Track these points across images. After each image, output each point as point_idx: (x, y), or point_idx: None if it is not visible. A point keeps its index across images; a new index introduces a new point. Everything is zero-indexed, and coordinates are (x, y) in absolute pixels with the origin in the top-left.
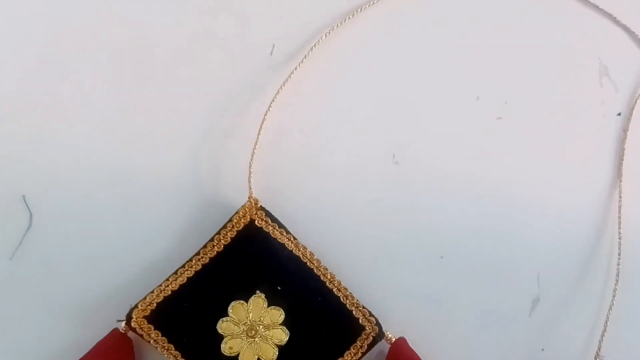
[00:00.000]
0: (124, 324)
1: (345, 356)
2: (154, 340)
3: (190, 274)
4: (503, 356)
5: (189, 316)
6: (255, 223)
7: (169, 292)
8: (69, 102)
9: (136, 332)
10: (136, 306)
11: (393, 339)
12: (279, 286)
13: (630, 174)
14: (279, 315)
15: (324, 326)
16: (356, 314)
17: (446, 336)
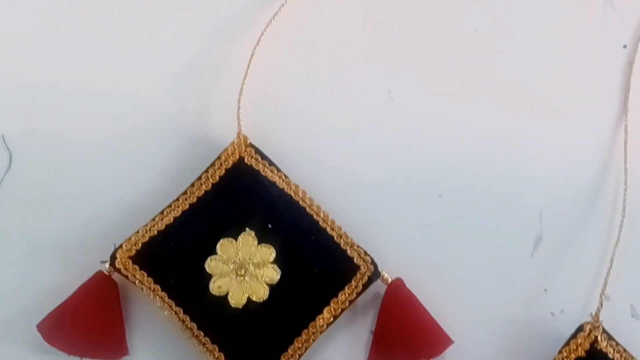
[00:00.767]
0: (108, 265)
1: (340, 296)
2: (140, 282)
3: (177, 213)
4: (504, 298)
5: (175, 256)
6: (245, 161)
7: (154, 232)
8: (49, 38)
9: (121, 273)
10: (121, 246)
11: (389, 279)
12: (270, 224)
13: (636, 108)
14: (269, 254)
15: (317, 265)
16: (350, 253)
17: (445, 277)
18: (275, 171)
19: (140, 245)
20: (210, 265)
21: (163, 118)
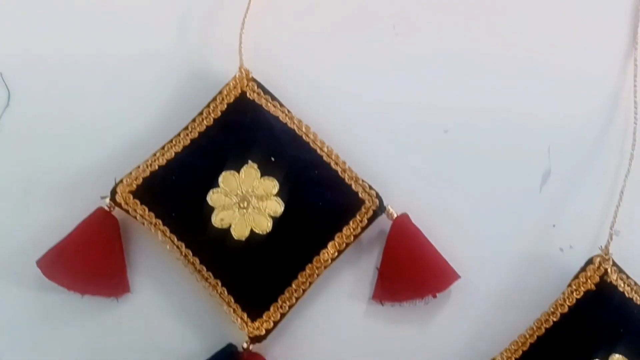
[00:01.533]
0: (108, 200)
1: (345, 231)
2: (141, 216)
3: (179, 148)
4: (512, 234)
5: (177, 190)
6: (247, 95)
7: (156, 167)
8: None
9: (121, 208)
10: (121, 181)
11: (395, 214)
12: (273, 157)
13: None
14: (272, 186)
15: (321, 199)
16: (355, 188)
17: (451, 213)
18: (278, 106)
19: (141, 180)
20: (213, 198)
21: (165, 53)
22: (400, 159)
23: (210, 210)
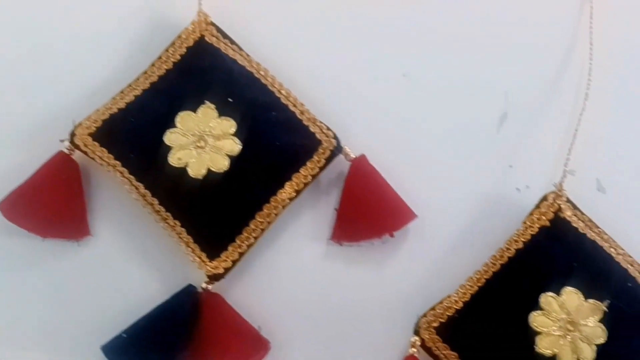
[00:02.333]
0: (67, 142)
1: (302, 171)
2: (99, 158)
3: (138, 92)
4: (469, 174)
5: (135, 132)
6: (206, 39)
7: (115, 110)
8: None
9: (80, 150)
10: (80, 124)
11: (353, 156)
12: (231, 98)
13: None
14: (229, 126)
15: (278, 139)
16: (313, 129)
17: (409, 155)
18: (237, 49)
19: (100, 122)
20: (170, 137)
21: None
22: (359, 102)
23: (168, 150)
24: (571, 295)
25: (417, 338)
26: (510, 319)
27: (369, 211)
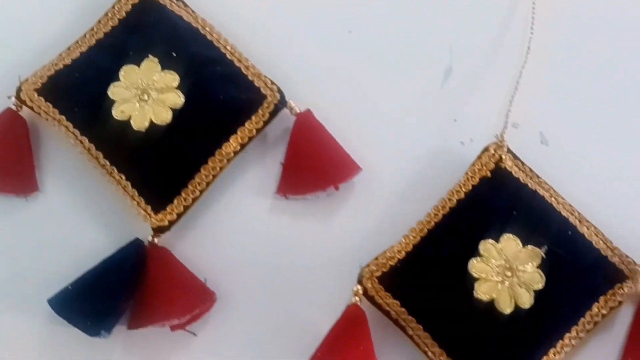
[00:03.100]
0: (14, 98)
1: (247, 125)
2: (45, 112)
3: (84, 49)
4: (414, 129)
5: (80, 86)
6: None
7: (60, 66)
8: None
9: (27, 106)
10: (26, 80)
11: (298, 110)
12: (175, 52)
13: None
14: (173, 79)
15: (223, 93)
16: (257, 83)
17: (355, 110)
18: (183, 6)
19: (46, 78)
20: (113, 91)
21: None
22: (305, 58)
23: (111, 103)
24: (509, 241)
25: (359, 287)
26: (451, 267)
27: (314, 164)
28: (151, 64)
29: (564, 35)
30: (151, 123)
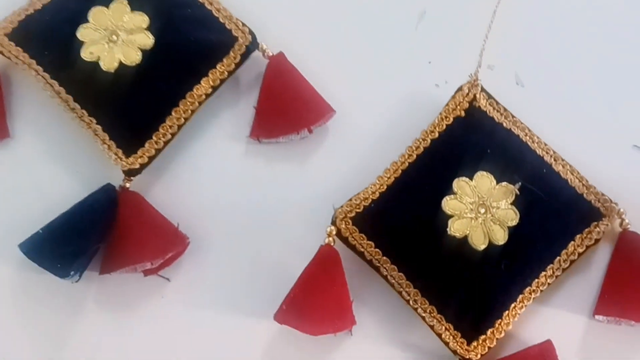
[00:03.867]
0: None
1: (218, 67)
2: (15, 57)
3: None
4: (389, 71)
5: (49, 30)
6: None
7: (31, 11)
8: None
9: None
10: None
11: (270, 52)
12: None
13: None
14: (142, 21)
15: (193, 35)
16: (229, 26)
17: (328, 54)
18: None
19: (16, 23)
20: (82, 33)
21: None
22: (278, 1)
23: (80, 45)
24: (483, 178)
25: (333, 227)
26: (424, 207)
27: (286, 107)
28: (120, 5)
29: None
30: (120, 64)
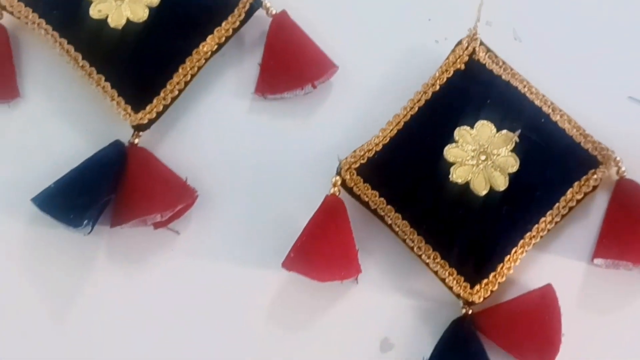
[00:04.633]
0: None
1: (223, 24)
2: (25, 17)
3: None
4: (390, 28)
5: None
6: None
7: None
8: None
9: (6, 11)
10: None
11: (274, 11)
12: None
13: None
14: None
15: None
16: None
17: (330, 11)
18: None
19: None
20: None
21: None
22: None
23: (89, 4)
24: (484, 127)
25: (338, 178)
26: (427, 156)
27: (290, 63)
28: None
29: None
30: (128, 21)
